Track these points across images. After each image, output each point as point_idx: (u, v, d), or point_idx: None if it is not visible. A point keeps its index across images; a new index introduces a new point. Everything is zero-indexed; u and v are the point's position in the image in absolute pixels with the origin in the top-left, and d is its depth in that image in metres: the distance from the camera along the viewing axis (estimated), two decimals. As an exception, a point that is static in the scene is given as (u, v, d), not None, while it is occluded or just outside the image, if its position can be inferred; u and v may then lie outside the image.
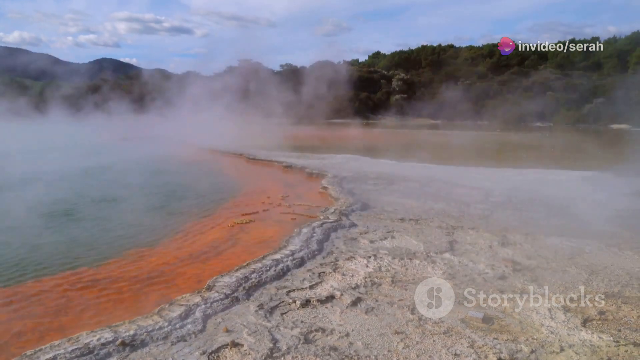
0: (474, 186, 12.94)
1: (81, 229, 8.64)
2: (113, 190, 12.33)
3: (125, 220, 9.20)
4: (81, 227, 8.72)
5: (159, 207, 10.36)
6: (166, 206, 10.53)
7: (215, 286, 5.40)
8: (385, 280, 5.78)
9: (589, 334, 4.43)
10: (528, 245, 7.34)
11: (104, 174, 15.08)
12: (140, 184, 13.26)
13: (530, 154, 24.39)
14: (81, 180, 14.02)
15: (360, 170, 15.81)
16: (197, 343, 4.19)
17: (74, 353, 3.88)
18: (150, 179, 14.26)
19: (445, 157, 20.86)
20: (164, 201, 11.05)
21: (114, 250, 7.35)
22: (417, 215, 9.33)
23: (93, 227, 8.75)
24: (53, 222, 8.99)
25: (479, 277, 5.98)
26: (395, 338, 4.33)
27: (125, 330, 4.30)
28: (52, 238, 7.98)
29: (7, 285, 5.93)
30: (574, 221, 9.12)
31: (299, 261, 6.43)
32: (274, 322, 4.64)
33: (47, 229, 8.50)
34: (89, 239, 7.97)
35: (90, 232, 8.44)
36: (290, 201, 10.83)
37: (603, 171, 17.11)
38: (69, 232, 8.41)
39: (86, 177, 14.53)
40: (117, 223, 8.99)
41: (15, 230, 8.45)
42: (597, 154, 24.74)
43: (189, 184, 13.47)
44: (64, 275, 6.31)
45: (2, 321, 4.93)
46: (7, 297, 5.54)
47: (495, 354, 4.03)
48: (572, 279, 5.92)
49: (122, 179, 14.19)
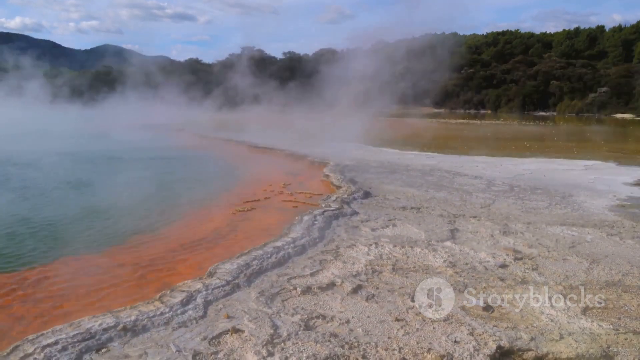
0: (476, 175, 12.93)
1: (82, 213, 8.65)
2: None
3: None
4: (82, 212, 8.73)
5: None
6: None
7: (216, 273, 5.41)
8: (386, 268, 5.79)
9: (589, 322, 4.44)
10: (529, 234, 7.34)
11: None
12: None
13: (533, 143, 24.32)
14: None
15: (362, 159, 15.80)
16: (198, 329, 4.22)
17: (76, 338, 3.90)
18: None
19: (447, 146, 20.83)
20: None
21: (116, 237, 7.37)
22: (418, 203, 9.33)
23: (94, 212, 8.76)
24: (53, 208, 9.01)
25: (479, 265, 5.98)
26: (396, 325, 4.34)
27: (126, 315, 4.33)
28: (51, 222, 8.00)
29: (8, 270, 5.94)
30: (576, 210, 9.11)
31: (300, 249, 6.44)
32: (275, 308, 4.66)
33: (44, 215, 8.51)
34: (90, 224, 7.98)
35: (91, 217, 8.45)
36: (291, 189, 10.83)
37: (605, 160, 17.09)
38: (70, 216, 8.43)
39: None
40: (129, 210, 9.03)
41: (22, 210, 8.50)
42: (600, 143, 24.66)
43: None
44: (65, 260, 6.33)
45: (4, 306, 4.95)
46: (9, 282, 5.57)
47: (495, 341, 4.04)
48: (573, 268, 5.93)
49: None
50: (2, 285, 5.45)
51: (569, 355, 3.88)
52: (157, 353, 3.78)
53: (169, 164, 15.41)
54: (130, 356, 3.75)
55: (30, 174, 12.50)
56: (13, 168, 13.30)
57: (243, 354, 3.81)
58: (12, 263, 6.18)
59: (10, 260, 6.29)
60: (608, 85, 63.22)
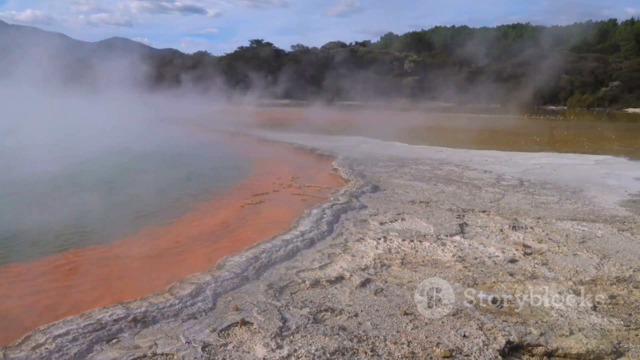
0: (485, 169, 12.86)
1: (94, 205, 8.70)
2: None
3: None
4: (93, 204, 8.78)
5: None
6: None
7: (225, 265, 5.44)
8: (395, 262, 5.78)
9: (599, 318, 4.41)
10: (539, 229, 7.29)
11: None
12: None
13: (543, 137, 24.13)
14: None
15: (371, 153, 15.77)
16: (208, 321, 4.24)
17: (87, 328, 3.94)
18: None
19: (456, 140, 20.69)
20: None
21: (126, 229, 7.41)
22: (427, 197, 9.29)
23: (107, 204, 8.81)
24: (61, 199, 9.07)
25: (489, 260, 5.95)
26: (404, 319, 4.34)
27: (136, 307, 4.36)
28: (63, 215, 8.05)
29: (22, 261, 6.00)
30: (586, 205, 9.03)
31: (309, 242, 6.44)
32: (284, 301, 4.67)
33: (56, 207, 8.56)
34: (102, 216, 8.03)
35: (104, 209, 8.50)
36: (300, 182, 10.83)
37: (616, 155, 16.92)
38: (81, 208, 8.49)
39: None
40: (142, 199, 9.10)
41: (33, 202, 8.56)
42: (610, 137, 24.41)
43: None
44: (76, 251, 6.38)
45: (16, 296, 5.01)
46: (21, 273, 5.63)
47: (504, 336, 4.02)
48: (583, 263, 5.88)
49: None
50: (13, 276, 5.52)
51: (579, 351, 3.86)
52: (167, 344, 3.81)
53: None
54: (140, 347, 3.78)
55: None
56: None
57: (252, 346, 3.83)
58: (20, 255, 6.23)
59: (18, 253, 6.34)
60: (620, 79, 62.46)
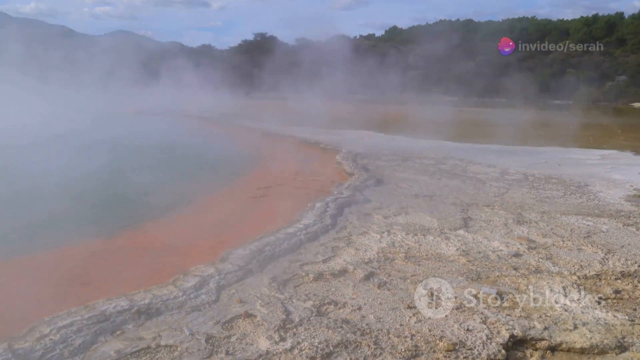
0: (489, 164, 12.81)
1: (96, 198, 8.72)
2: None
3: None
4: (96, 196, 8.80)
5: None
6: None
7: (229, 258, 5.44)
8: (399, 256, 5.78)
9: (604, 313, 4.39)
10: (544, 224, 7.26)
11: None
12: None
13: (548, 131, 24.01)
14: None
15: (375, 147, 15.73)
16: (211, 313, 4.25)
17: (91, 320, 3.95)
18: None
19: (460, 134, 20.63)
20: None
21: (130, 221, 7.43)
22: (431, 191, 9.27)
23: (109, 197, 8.83)
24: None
25: (493, 254, 5.94)
26: (408, 312, 4.34)
27: (140, 298, 4.37)
28: (64, 208, 8.06)
29: (25, 254, 6.02)
30: (591, 200, 8.99)
31: (313, 235, 6.44)
32: (287, 294, 4.67)
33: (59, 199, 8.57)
34: (105, 209, 8.05)
35: (106, 201, 8.52)
36: (303, 176, 10.82)
37: (622, 150, 16.83)
38: (83, 201, 8.50)
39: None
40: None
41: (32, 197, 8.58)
42: (616, 132, 24.27)
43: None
44: (80, 244, 6.40)
45: (21, 287, 5.03)
46: (24, 264, 5.65)
47: (507, 330, 4.02)
48: (588, 258, 5.86)
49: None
50: (19, 268, 5.54)
51: (582, 345, 3.85)
52: (171, 336, 3.82)
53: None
54: (144, 339, 3.79)
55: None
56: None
57: (255, 339, 3.84)
58: (25, 247, 6.25)
59: (22, 245, 6.36)
60: (626, 73, 61.96)
